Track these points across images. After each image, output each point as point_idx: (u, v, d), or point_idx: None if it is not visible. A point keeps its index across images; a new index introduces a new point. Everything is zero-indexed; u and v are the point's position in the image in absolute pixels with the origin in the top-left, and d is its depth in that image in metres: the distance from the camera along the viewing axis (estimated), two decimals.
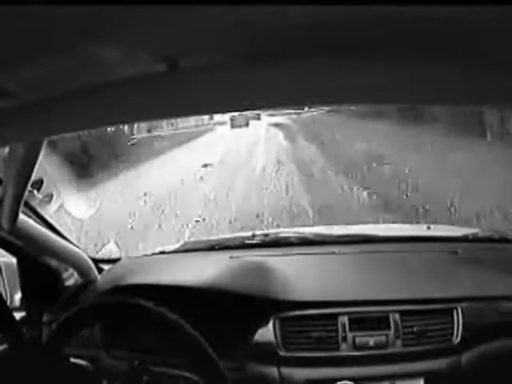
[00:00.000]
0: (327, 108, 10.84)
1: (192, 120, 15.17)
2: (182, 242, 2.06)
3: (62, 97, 0.64)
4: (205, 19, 0.49)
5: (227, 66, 0.58)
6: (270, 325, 1.53)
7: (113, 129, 8.31)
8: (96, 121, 0.72)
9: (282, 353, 1.51)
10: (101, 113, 0.68)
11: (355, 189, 6.44)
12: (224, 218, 5.73)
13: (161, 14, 0.48)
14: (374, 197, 6.05)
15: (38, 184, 1.49)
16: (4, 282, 1.78)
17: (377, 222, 4.31)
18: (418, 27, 0.50)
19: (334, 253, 1.78)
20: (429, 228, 1.96)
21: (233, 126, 15.61)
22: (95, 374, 1.44)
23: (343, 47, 0.54)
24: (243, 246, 1.90)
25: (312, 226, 4.11)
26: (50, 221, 1.65)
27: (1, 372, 1.31)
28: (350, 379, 1.42)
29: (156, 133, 13.13)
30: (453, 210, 5.14)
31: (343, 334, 1.50)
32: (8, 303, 1.62)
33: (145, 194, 7.22)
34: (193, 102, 0.64)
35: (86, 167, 7.75)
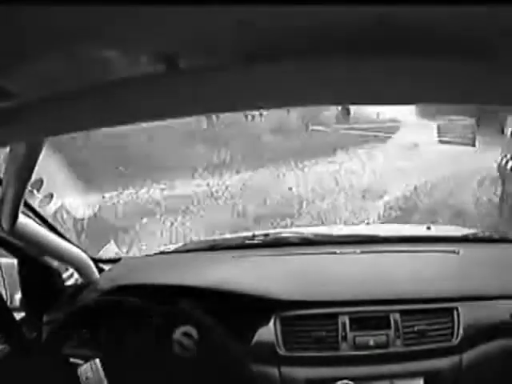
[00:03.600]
0: None
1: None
2: (182, 242, 2.06)
3: (62, 97, 0.64)
4: (205, 19, 0.49)
5: (227, 66, 0.58)
6: (271, 324, 1.53)
7: None
8: (96, 121, 0.72)
9: (283, 352, 1.50)
10: (101, 113, 0.68)
11: None
12: None
13: (161, 14, 0.47)
14: None
15: (38, 184, 1.49)
16: (4, 282, 1.78)
17: None
18: (418, 28, 0.50)
19: (334, 253, 1.78)
20: (429, 228, 1.96)
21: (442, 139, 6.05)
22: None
23: (343, 47, 0.54)
24: (244, 246, 1.90)
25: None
26: (50, 221, 1.65)
27: (1, 372, 1.31)
28: (350, 379, 1.42)
29: None
30: None
31: (343, 334, 1.50)
32: (8, 303, 1.62)
33: None
34: (193, 102, 0.64)
35: None
